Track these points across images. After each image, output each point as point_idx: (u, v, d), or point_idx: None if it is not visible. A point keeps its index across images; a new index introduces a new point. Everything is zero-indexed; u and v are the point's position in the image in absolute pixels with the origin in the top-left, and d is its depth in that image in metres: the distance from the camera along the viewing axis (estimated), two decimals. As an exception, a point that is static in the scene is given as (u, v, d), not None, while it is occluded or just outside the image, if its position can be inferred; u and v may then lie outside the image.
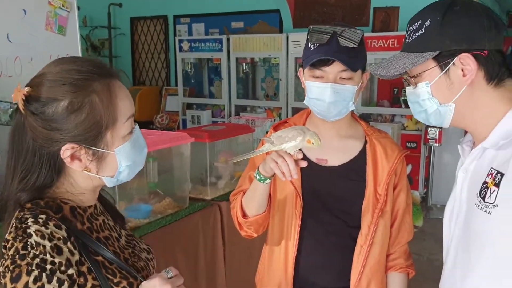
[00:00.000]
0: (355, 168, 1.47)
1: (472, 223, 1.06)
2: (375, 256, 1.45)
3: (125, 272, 0.98)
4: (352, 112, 1.54)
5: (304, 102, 1.48)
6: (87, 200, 1.02)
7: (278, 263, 1.48)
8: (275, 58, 5.88)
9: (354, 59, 1.37)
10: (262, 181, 1.34)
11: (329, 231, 1.46)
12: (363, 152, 1.48)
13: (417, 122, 5.24)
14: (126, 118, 0.99)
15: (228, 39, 6.06)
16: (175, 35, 7.08)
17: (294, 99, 5.61)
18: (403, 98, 5.22)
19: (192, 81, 6.74)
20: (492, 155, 1.03)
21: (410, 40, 1.11)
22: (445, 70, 1.04)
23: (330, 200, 1.47)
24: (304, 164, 1.29)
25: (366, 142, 1.49)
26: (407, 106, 1.26)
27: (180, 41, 6.43)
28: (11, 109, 3.26)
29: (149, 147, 2.17)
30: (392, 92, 5.49)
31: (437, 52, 1.04)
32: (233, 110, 6.14)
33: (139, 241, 1.15)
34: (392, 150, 1.48)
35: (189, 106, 6.60)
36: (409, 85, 1.14)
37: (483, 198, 1.01)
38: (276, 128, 1.61)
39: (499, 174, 0.99)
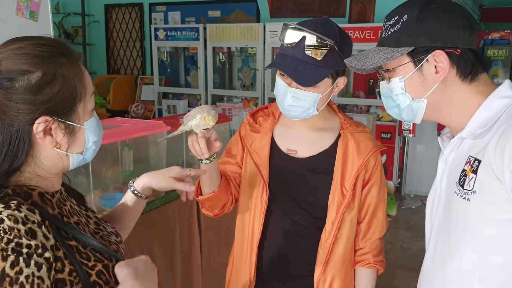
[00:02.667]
0: (324, 161, 1.47)
1: (452, 211, 1.08)
2: (339, 251, 1.45)
3: (98, 255, 0.97)
4: (332, 102, 1.54)
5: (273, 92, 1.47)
6: (52, 186, 1.00)
7: (246, 247, 1.50)
8: (252, 48, 5.86)
9: (317, 71, 1.33)
10: (200, 162, 1.37)
11: (294, 220, 1.47)
12: (334, 145, 1.47)
13: (392, 113, 5.29)
14: (91, 94, 1.00)
15: (204, 28, 6.00)
16: (150, 23, 6.99)
17: (271, 89, 5.61)
18: (378, 89, 5.25)
19: (168, 70, 6.66)
20: (470, 144, 1.05)
21: (386, 34, 1.12)
22: (418, 66, 1.07)
23: (296, 190, 1.47)
24: (217, 144, 1.33)
25: (340, 135, 1.48)
26: (382, 98, 1.29)
27: (156, 29, 6.34)
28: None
29: (124, 135, 2.16)
30: (367, 83, 5.53)
31: (411, 48, 1.07)
32: (209, 100, 6.10)
33: (106, 224, 1.14)
34: (366, 145, 1.45)
35: (165, 95, 6.52)
36: (383, 79, 1.16)
37: (462, 186, 1.03)
38: (254, 115, 1.61)
39: (476, 161, 1.01)
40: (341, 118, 1.52)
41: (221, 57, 6.22)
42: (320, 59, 1.32)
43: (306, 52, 1.32)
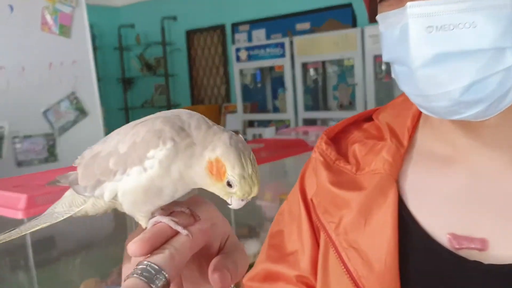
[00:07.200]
0: None
1: None
2: None
3: None
4: None
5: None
6: None
7: None
8: (348, 59, 4.85)
9: None
10: None
11: None
12: None
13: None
14: None
15: (291, 42, 5.12)
16: (233, 44, 6.29)
17: (376, 105, 4.53)
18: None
19: (256, 95, 5.86)
20: None
21: None
22: None
23: None
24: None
25: None
26: None
27: (237, 49, 5.60)
28: (-5, 135, 2.51)
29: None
30: None
31: None
32: (300, 125, 5.16)
33: None
34: None
35: (251, 123, 5.71)
36: None
37: None
38: (336, 140, 0.63)
39: None
40: None
41: (312, 74, 5.28)
42: None
43: None
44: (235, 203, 0.41)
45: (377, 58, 4.54)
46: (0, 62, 2.47)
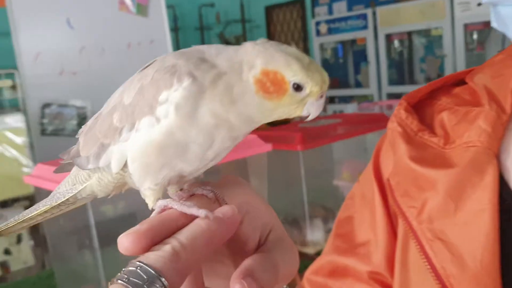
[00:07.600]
0: None
1: None
2: None
3: None
4: None
5: None
6: None
7: None
8: (436, 28, 4.53)
9: None
10: None
11: None
12: None
13: None
14: None
15: (374, 13, 4.88)
16: (313, 18, 6.12)
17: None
18: None
19: (337, 70, 5.68)
20: None
21: None
22: None
23: None
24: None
25: None
26: None
27: (317, 23, 5.44)
28: (79, 116, 2.59)
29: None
30: None
31: None
32: (384, 99, 4.94)
33: None
34: None
35: (332, 100, 5.55)
36: None
37: None
38: (419, 107, 0.52)
39: None
40: None
41: (396, 46, 5.00)
42: None
43: None
44: (314, 106, 0.32)
45: (468, 27, 4.19)
46: (82, 43, 2.52)
